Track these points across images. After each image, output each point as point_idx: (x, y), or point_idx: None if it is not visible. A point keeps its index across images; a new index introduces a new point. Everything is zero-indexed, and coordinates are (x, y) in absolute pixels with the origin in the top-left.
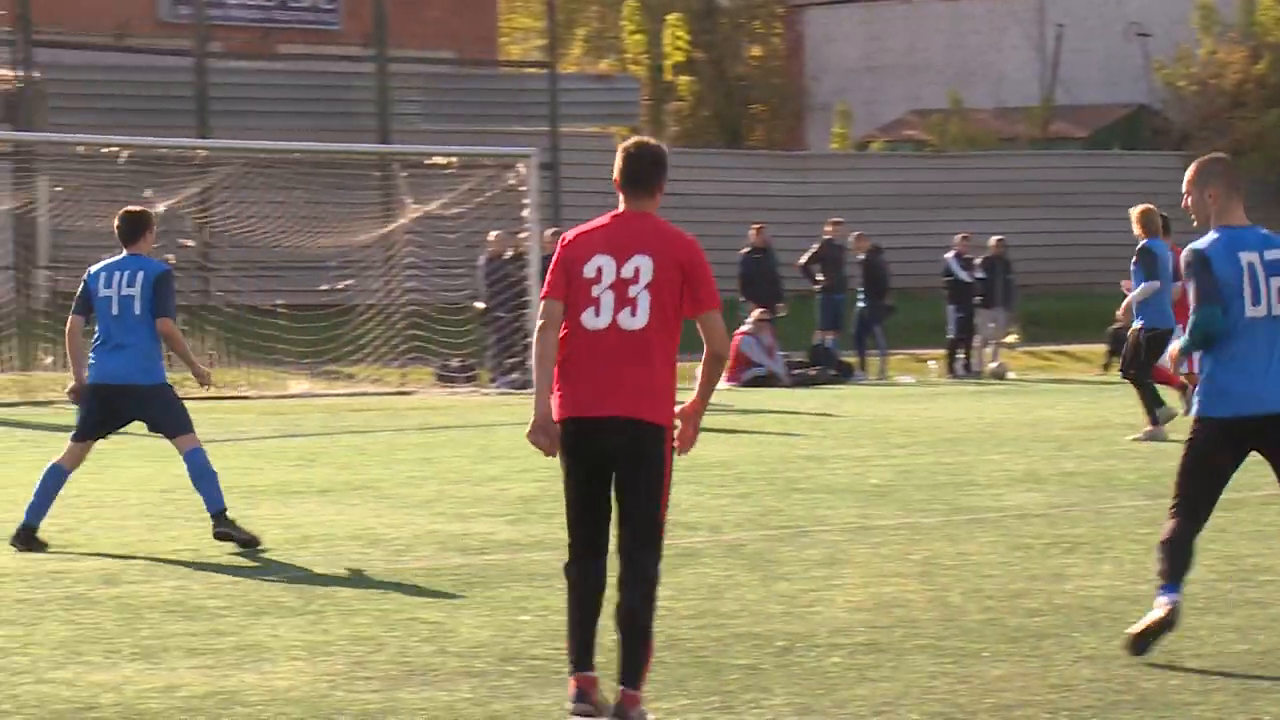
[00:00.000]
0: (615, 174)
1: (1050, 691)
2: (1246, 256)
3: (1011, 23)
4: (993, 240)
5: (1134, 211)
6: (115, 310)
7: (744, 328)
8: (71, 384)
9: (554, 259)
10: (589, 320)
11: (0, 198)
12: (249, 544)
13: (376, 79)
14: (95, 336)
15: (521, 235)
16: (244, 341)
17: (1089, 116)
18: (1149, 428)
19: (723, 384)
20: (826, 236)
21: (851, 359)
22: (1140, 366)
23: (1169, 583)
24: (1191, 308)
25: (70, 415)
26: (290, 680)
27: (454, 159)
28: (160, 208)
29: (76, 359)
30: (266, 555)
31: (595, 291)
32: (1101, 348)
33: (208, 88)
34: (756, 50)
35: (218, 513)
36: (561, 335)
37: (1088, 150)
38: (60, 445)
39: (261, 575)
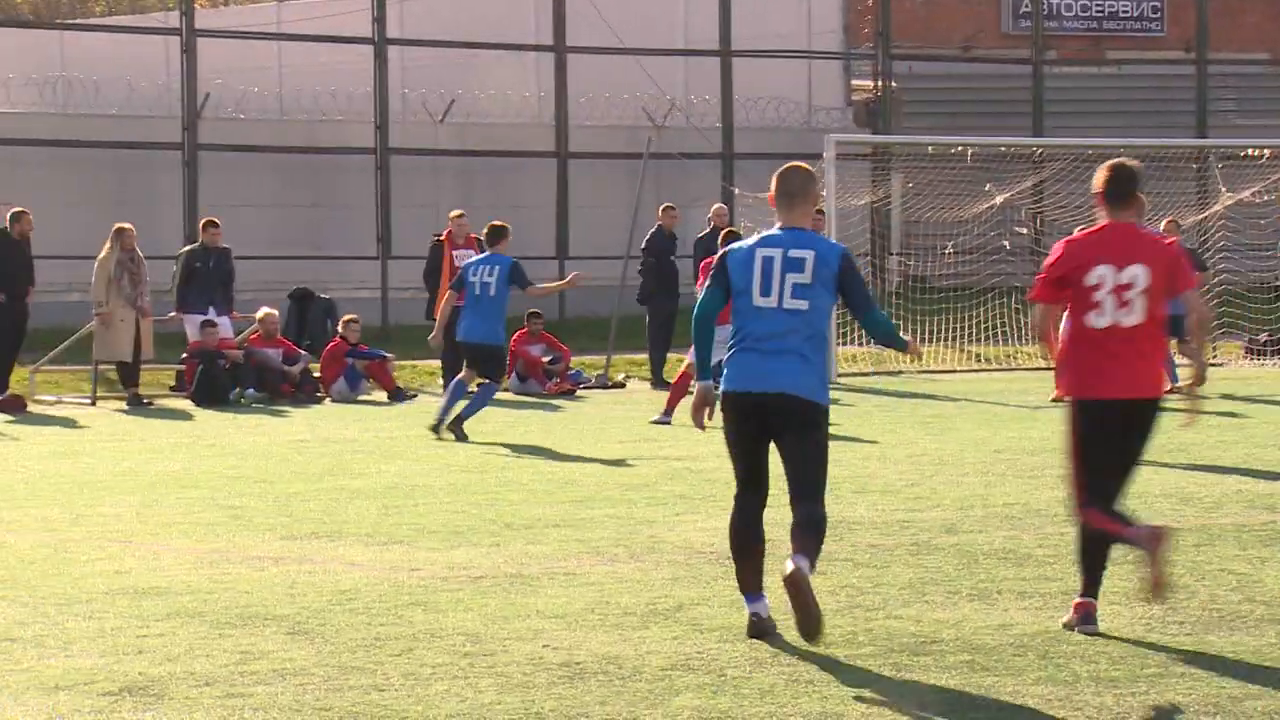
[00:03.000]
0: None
1: None
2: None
3: None
4: None
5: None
6: (478, 291)
7: None
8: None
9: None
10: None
11: (860, 193)
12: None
13: (1197, 80)
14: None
15: None
16: None
17: None
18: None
19: None
20: None
21: None
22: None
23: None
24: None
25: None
26: (1110, 622)
27: (1265, 150)
28: (998, 199)
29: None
30: None
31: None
32: None
33: (1043, 91)
34: None
35: (457, 419)
36: None
37: None
38: None
39: None
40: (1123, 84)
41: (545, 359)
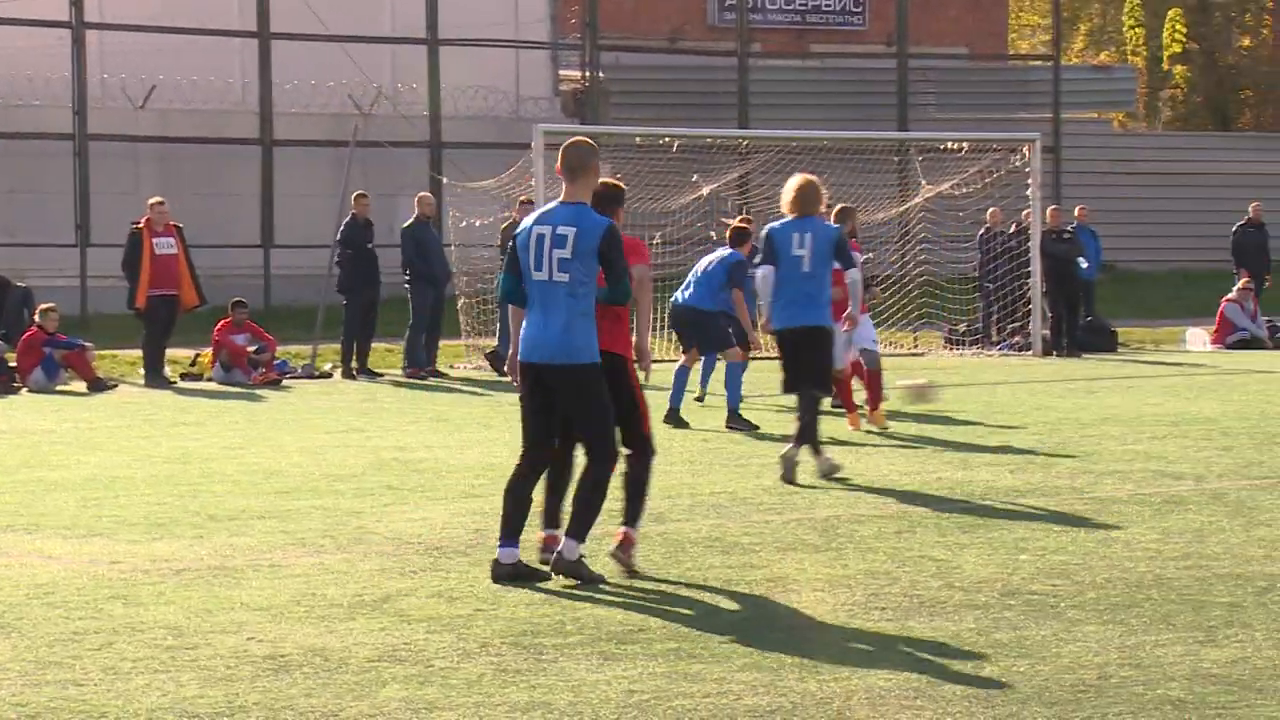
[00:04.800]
0: None
1: None
2: (539, 230)
3: None
4: None
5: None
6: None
7: (1230, 295)
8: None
9: None
10: None
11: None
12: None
13: (897, 74)
14: None
15: (1024, 212)
16: None
17: None
18: None
19: (1208, 346)
20: None
21: None
22: None
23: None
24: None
25: None
26: (814, 609)
27: (964, 144)
28: (705, 190)
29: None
30: (792, 498)
31: None
32: None
33: (748, 84)
34: (1246, 40)
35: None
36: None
37: None
38: None
39: (788, 516)
40: (825, 77)
41: (250, 349)
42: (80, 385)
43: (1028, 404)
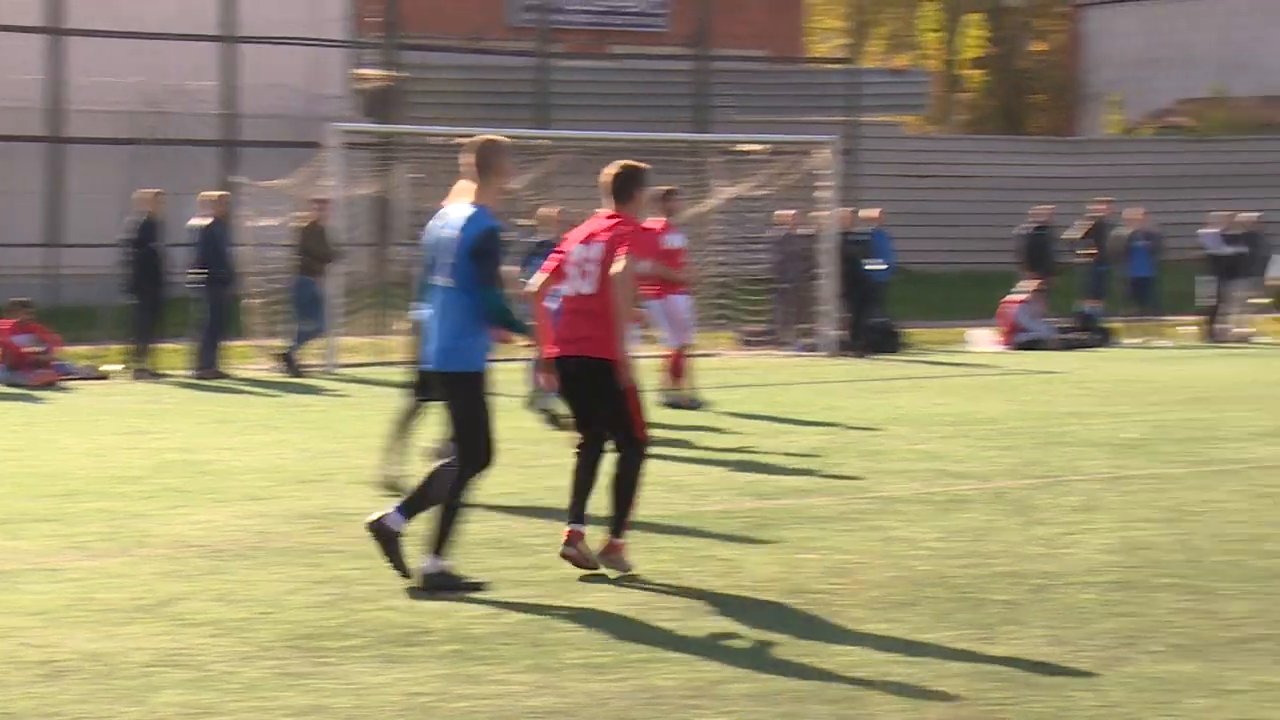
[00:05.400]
0: None
1: None
2: (436, 231)
3: (1278, 17)
4: (1247, 216)
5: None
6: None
7: (1018, 296)
8: None
9: None
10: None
11: (365, 182)
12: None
13: (696, 75)
14: None
15: (819, 214)
16: None
17: None
18: None
19: (996, 346)
20: (1097, 214)
21: (1114, 325)
22: None
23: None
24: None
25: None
26: (599, 610)
27: (762, 146)
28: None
29: None
30: None
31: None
32: None
33: (548, 84)
34: (1040, 45)
35: None
36: None
37: None
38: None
39: None
40: (626, 78)
41: (35, 349)
42: None
43: (817, 404)
